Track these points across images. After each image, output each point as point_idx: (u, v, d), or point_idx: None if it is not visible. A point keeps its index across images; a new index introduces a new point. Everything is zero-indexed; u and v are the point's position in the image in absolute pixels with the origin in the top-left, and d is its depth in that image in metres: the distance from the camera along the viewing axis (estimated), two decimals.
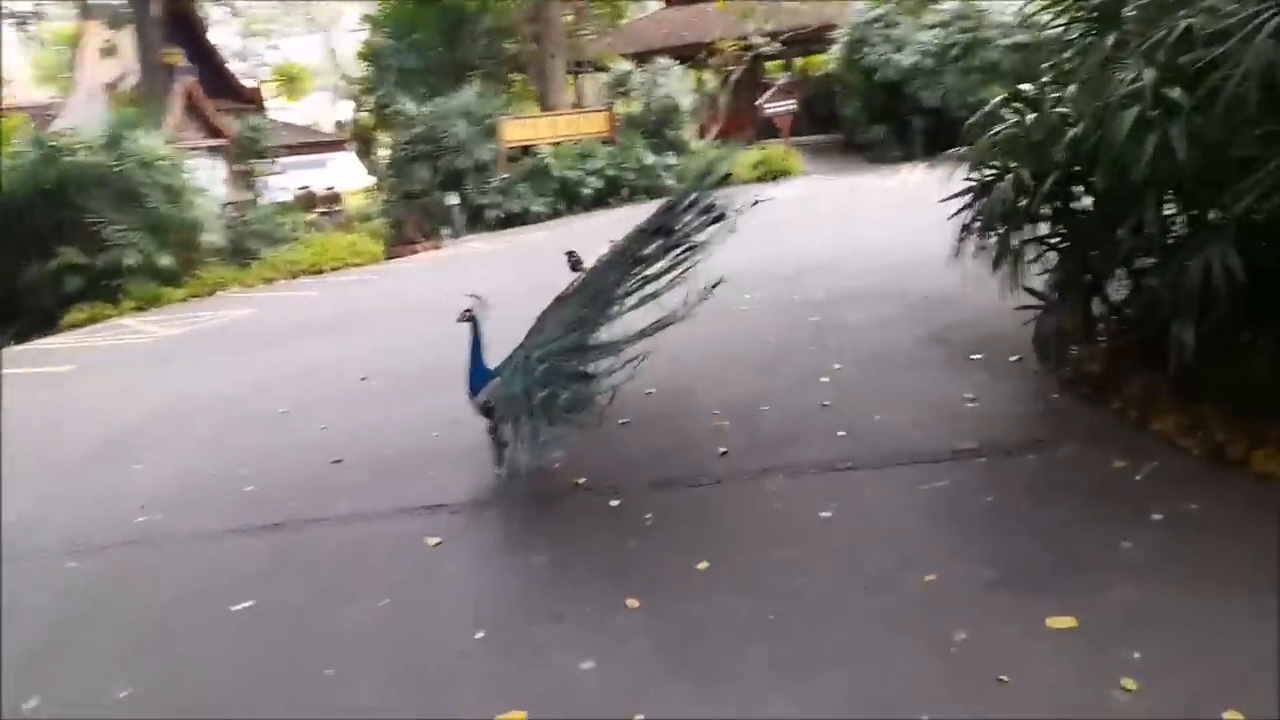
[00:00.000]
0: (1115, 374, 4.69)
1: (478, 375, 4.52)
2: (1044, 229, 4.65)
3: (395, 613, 3.53)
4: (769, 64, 25.04)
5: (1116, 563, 3.15)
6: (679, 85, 19.17)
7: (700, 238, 4.62)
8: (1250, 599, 2.84)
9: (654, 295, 4.56)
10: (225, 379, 7.89)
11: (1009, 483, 3.88)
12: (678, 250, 4.59)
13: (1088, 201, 4.41)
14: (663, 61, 19.50)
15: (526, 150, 17.99)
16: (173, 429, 6.55)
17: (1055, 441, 4.18)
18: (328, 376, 7.40)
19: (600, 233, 14.62)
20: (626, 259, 4.62)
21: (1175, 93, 3.41)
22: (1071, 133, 3.94)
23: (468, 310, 4.49)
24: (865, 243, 9.75)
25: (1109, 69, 3.95)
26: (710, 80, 21.99)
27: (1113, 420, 4.36)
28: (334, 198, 23.70)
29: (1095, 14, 4.44)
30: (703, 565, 3.53)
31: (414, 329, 8.76)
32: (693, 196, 4.63)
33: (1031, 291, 4.96)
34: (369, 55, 24.60)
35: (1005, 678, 2.64)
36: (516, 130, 18.01)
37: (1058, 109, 4.25)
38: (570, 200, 17.65)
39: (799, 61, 26.49)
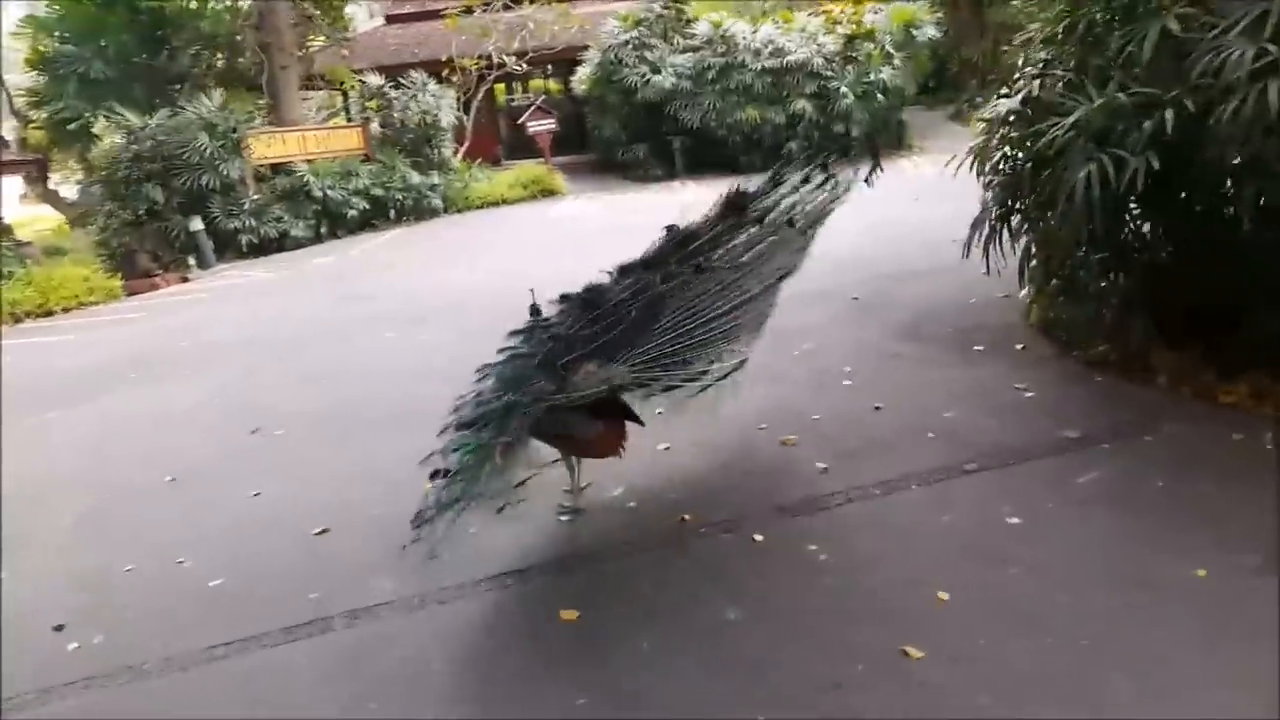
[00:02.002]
0: (1135, 354, 4.82)
1: None
2: None
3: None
4: (497, 86, 24.49)
5: None
6: (438, 101, 18.11)
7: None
8: None
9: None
10: (39, 445, 5.92)
11: (1155, 466, 3.77)
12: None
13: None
14: (418, 77, 18.33)
15: (276, 169, 16.06)
16: (25, 517, 4.65)
17: (1153, 422, 4.17)
18: (192, 432, 5.79)
19: (388, 254, 13.64)
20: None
21: None
22: (1164, 114, 3.93)
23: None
24: None
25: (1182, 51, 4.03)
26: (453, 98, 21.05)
27: (1170, 396, 4.45)
28: (4, 229, 19.65)
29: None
30: (944, 595, 3.04)
31: (271, 368, 7.24)
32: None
33: (1061, 278, 5.01)
34: (39, 62, 20.87)
35: None
36: (266, 146, 15.99)
37: (1120, 93, 4.26)
38: (333, 222, 15.98)
39: (536, 82, 26.25)
